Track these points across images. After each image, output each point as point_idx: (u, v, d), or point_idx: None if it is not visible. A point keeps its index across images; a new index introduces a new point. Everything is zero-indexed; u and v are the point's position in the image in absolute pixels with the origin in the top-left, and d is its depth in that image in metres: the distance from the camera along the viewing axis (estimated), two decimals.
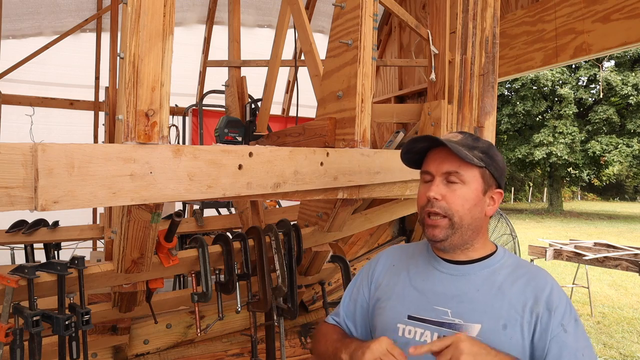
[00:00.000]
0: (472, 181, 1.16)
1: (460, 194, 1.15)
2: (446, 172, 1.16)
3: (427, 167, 1.21)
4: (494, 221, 7.18)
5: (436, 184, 1.16)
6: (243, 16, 4.33)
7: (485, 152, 1.19)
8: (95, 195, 0.98)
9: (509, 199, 31.52)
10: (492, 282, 1.17)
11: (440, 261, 1.24)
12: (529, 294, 1.14)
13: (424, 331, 1.16)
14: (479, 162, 1.15)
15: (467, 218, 1.16)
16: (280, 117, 5.63)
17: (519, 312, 1.12)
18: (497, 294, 1.15)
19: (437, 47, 2.12)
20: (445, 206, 1.15)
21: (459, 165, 1.15)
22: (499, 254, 1.23)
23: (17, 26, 4.55)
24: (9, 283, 1.47)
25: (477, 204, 1.17)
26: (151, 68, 1.06)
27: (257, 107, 2.92)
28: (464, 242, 1.18)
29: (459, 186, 1.16)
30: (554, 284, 1.18)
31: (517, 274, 1.18)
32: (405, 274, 1.28)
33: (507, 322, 1.11)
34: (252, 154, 1.26)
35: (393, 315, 1.22)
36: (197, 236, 1.87)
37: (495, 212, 1.44)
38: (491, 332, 1.10)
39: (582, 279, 6.30)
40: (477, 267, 1.20)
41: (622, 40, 2.73)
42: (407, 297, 1.23)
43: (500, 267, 1.20)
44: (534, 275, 1.18)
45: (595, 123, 20.56)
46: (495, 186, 1.22)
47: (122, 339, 2.05)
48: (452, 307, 1.15)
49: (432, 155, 1.21)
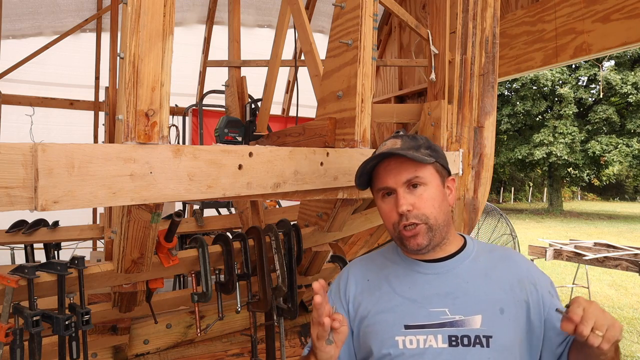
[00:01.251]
0: (432, 179, 1.18)
1: (427, 197, 1.16)
2: (406, 180, 1.15)
3: (384, 183, 1.18)
4: (494, 221, 7.18)
5: (402, 196, 1.15)
6: (243, 16, 4.33)
7: (428, 147, 1.21)
8: (95, 195, 0.98)
9: (509, 199, 31.53)
10: (477, 270, 1.19)
11: (420, 263, 1.22)
12: (511, 274, 1.18)
13: (427, 336, 1.13)
14: (429, 158, 1.15)
15: (440, 216, 1.17)
16: (280, 117, 5.64)
17: (508, 293, 1.15)
18: (485, 281, 1.18)
19: (437, 47, 2.12)
20: (419, 213, 1.15)
21: (415, 170, 1.15)
22: (470, 243, 1.26)
23: (17, 26, 4.55)
24: (9, 283, 1.47)
25: (443, 199, 1.19)
26: (151, 68, 1.06)
27: (257, 107, 2.92)
28: (442, 238, 1.20)
29: (423, 189, 1.16)
30: (525, 259, 1.26)
31: (494, 257, 1.23)
32: (387, 285, 1.23)
33: (502, 306, 1.14)
34: (252, 154, 1.26)
35: (388, 329, 1.16)
36: (197, 236, 1.87)
37: (494, 209, 1.45)
38: (492, 319, 1.12)
39: (582, 279, 6.30)
40: (458, 260, 1.21)
41: (622, 40, 2.73)
42: (398, 307, 1.18)
43: (477, 255, 1.23)
44: (508, 255, 1.25)
45: (595, 123, 20.57)
46: (447, 175, 1.24)
47: (122, 339, 2.05)
48: (449, 305, 1.15)
49: (383, 169, 1.18)
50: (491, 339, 1.10)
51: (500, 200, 30.67)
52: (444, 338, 1.12)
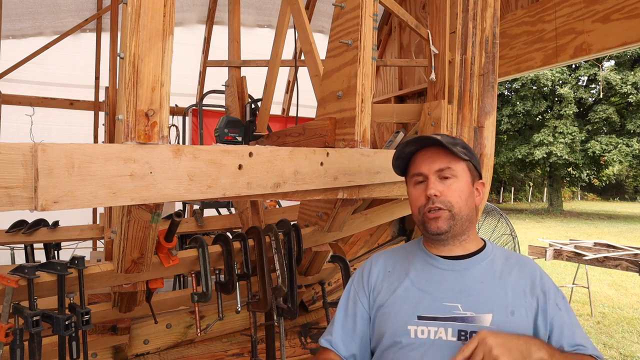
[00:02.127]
0: (463, 174, 1.24)
1: (455, 188, 1.22)
2: (439, 169, 1.22)
3: (418, 169, 1.25)
4: (494, 221, 7.18)
5: (433, 182, 1.22)
6: (243, 16, 4.33)
7: (465, 147, 1.27)
8: (95, 195, 0.98)
9: (509, 199, 31.53)
10: (492, 272, 1.24)
11: (438, 259, 1.27)
12: (524, 280, 1.22)
13: (438, 328, 1.17)
14: (464, 155, 1.22)
15: (464, 209, 1.23)
16: (280, 117, 5.63)
17: (520, 297, 1.19)
18: (499, 283, 1.22)
19: (437, 47, 2.12)
20: (445, 200, 1.21)
21: (449, 161, 1.22)
22: (489, 246, 1.31)
23: (17, 26, 4.55)
24: (9, 283, 1.47)
25: (470, 195, 1.25)
26: (151, 68, 1.06)
27: (257, 107, 2.92)
28: (463, 232, 1.25)
29: (453, 180, 1.22)
30: (540, 269, 1.29)
31: (511, 262, 1.27)
32: (405, 277, 1.28)
33: (513, 309, 1.17)
34: (252, 154, 1.26)
35: (402, 318, 1.22)
36: (197, 236, 1.87)
37: (495, 209, 1.48)
38: (502, 320, 1.16)
39: (582, 279, 6.30)
40: (476, 260, 1.26)
41: (622, 40, 2.73)
42: (413, 298, 1.23)
43: (494, 258, 1.27)
44: (524, 262, 1.29)
45: (595, 123, 20.57)
46: (478, 177, 1.30)
47: (122, 339, 2.05)
48: (462, 301, 1.19)
49: (420, 157, 1.26)
50: None
51: (500, 200, 30.68)
52: (454, 332, 1.16)
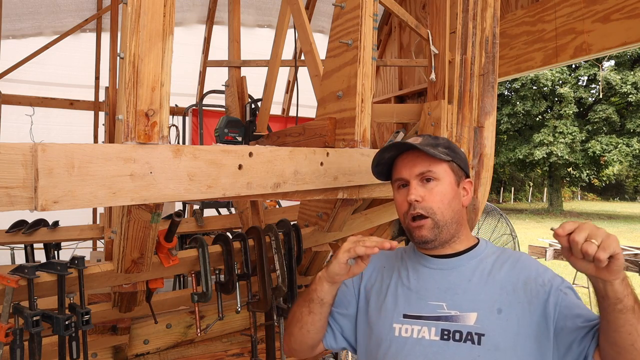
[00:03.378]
0: (445, 176, 1.22)
1: (437, 191, 1.20)
2: (419, 173, 1.21)
3: (399, 174, 1.25)
4: (494, 221, 7.18)
5: (414, 187, 1.21)
6: (243, 16, 4.32)
7: (447, 147, 1.26)
8: (95, 195, 0.98)
9: (509, 199, 31.53)
10: (482, 270, 1.21)
11: (428, 258, 1.27)
12: (516, 275, 1.18)
13: (421, 327, 1.17)
14: (446, 156, 1.21)
15: (448, 213, 1.21)
16: (280, 117, 5.63)
17: (510, 294, 1.16)
18: (487, 280, 1.19)
19: (437, 47, 2.12)
20: (427, 206, 1.20)
21: (429, 164, 1.21)
22: (482, 244, 1.29)
23: (17, 26, 4.55)
24: (9, 283, 1.47)
25: (454, 197, 1.23)
26: (151, 68, 1.06)
27: (257, 107, 2.91)
28: (451, 236, 1.23)
29: (434, 184, 1.21)
30: (538, 262, 1.24)
31: (502, 259, 1.24)
32: (396, 275, 1.29)
33: (501, 306, 1.14)
34: (252, 154, 1.26)
35: (388, 315, 1.23)
36: (197, 236, 1.87)
37: (495, 210, 1.47)
38: (487, 318, 1.13)
39: (582, 278, 6.29)
40: (465, 258, 1.24)
41: (622, 40, 2.73)
42: (400, 296, 1.24)
43: (486, 256, 1.25)
44: (517, 258, 1.25)
45: (595, 123, 20.57)
46: (464, 176, 1.28)
47: (122, 339, 2.05)
48: (447, 300, 1.18)
49: (401, 162, 1.25)
50: (483, 337, 1.11)
51: (500, 200, 30.67)
52: (437, 331, 1.15)
